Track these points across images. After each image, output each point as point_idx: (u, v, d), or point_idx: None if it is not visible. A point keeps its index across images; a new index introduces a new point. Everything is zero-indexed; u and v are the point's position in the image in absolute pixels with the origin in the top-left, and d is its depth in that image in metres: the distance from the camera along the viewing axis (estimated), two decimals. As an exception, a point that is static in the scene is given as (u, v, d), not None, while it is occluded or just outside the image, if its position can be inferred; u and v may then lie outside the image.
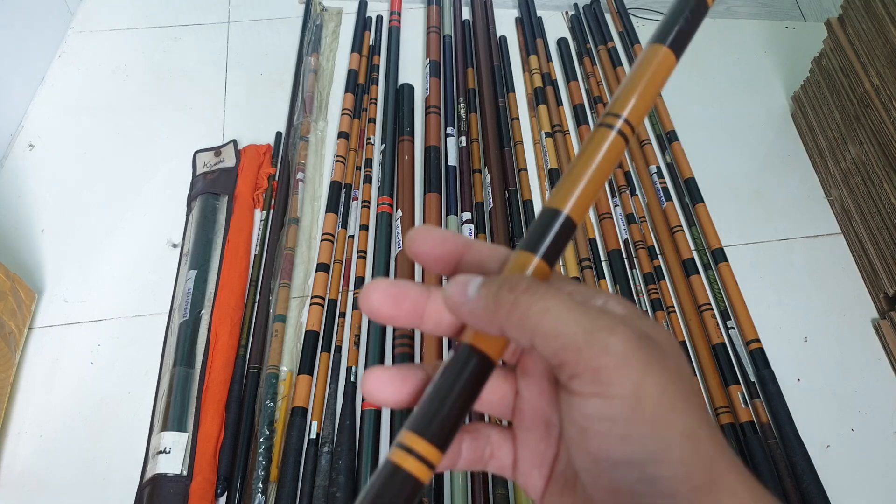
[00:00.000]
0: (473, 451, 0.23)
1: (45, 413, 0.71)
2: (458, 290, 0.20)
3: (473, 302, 0.20)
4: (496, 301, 0.19)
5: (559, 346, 0.18)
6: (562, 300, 0.19)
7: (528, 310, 0.19)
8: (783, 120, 1.01)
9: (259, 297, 0.79)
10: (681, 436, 0.18)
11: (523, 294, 0.19)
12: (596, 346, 0.18)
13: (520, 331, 0.19)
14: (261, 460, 0.66)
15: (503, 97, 0.97)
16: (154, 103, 0.97)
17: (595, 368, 0.18)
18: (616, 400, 0.18)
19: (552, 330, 0.18)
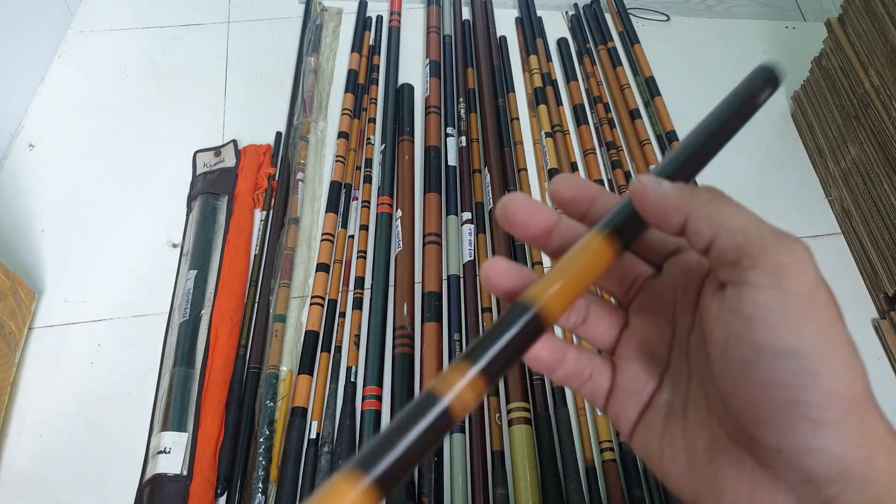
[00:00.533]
0: (576, 364, 0.24)
1: (45, 413, 0.71)
2: (652, 180, 0.22)
3: (668, 190, 0.22)
4: (692, 194, 0.21)
5: (745, 239, 0.20)
6: (748, 211, 0.21)
7: (724, 206, 0.21)
8: (783, 120, 1.01)
9: (259, 297, 0.79)
10: (846, 342, 0.19)
11: (719, 196, 0.21)
12: (783, 245, 0.20)
13: (707, 222, 0.20)
14: (261, 460, 0.66)
15: (503, 97, 0.97)
16: (154, 103, 0.97)
17: (779, 263, 0.19)
18: (793, 296, 0.19)
19: (742, 226, 0.20)
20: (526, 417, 0.69)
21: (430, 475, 0.64)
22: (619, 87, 1.01)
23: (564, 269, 0.22)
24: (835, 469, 0.18)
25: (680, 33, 1.12)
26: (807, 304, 0.19)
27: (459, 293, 0.78)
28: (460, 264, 0.80)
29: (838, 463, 0.18)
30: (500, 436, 0.69)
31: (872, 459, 0.19)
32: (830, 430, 0.18)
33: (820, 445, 0.18)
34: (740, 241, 0.20)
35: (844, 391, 0.18)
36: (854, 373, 0.19)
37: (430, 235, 0.81)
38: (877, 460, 0.19)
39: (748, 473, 0.20)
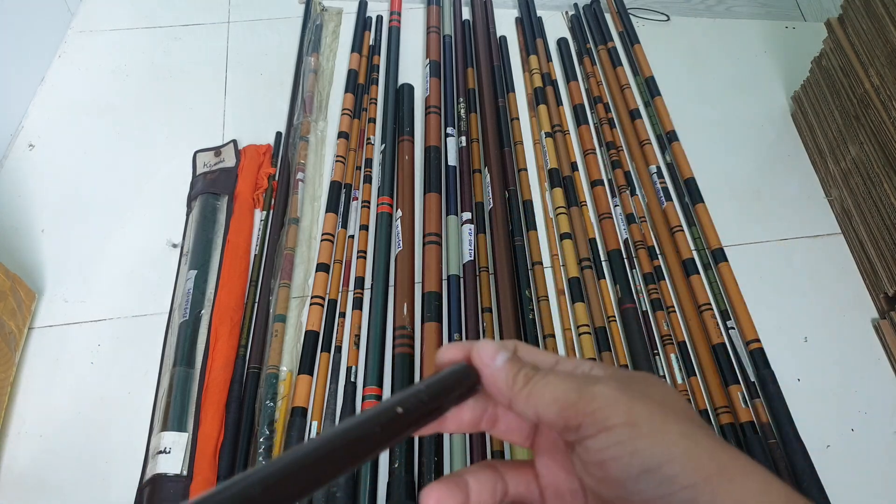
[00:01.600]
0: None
1: (45, 413, 0.71)
2: (490, 353, 0.26)
3: (498, 371, 0.25)
4: (514, 379, 0.25)
5: (559, 408, 0.23)
6: (556, 376, 0.24)
7: (533, 388, 0.24)
8: (783, 120, 1.01)
9: (259, 297, 0.79)
10: (679, 436, 0.22)
11: (532, 378, 0.24)
12: (586, 396, 0.23)
13: (525, 406, 0.24)
14: (261, 460, 0.66)
15: (503, 97, 0.97)
16: (154, 103, 0.97)
17: (591, 412, 0.23)
18: (616, 428, 0.22)
19: (552, 398, 0.24)
20: (526, 417, 0.69)
21: (430, 475, 0.64)
22: (619, 87, 1.01)
23: None
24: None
25: (680, 33, 1.12)
26: (631, 426, 0.22)
27: (459, 293, 0.78)
28: (460, 264, 0.80)
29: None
30: (500, 436, 0.68)
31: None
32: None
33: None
34: (557, 411, 0.23)
35: (699, 477, 0.21)
36: (699, 456, 0.22)
37: (430, 235, 0.81)
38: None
39: None
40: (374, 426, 0.22)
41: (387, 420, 0.23)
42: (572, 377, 0.24)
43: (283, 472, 0.20)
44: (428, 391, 0.25)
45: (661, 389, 0.24)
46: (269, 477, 0.19)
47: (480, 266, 0.81)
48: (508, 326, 0.75)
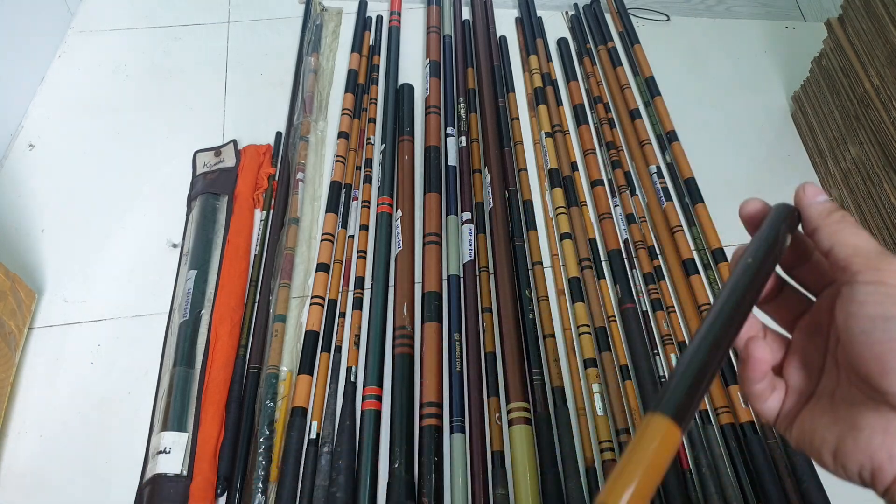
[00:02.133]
0: (772, 378, 0.32)
1: (45, 413, 0.71)
2: (815, 191, 0.31)
3: (820, 203, 0.31)
4: (831, 211, 0.30)
5: (853, 252, 0.28)
6: (866, 234, 0.29)
7: (843, 227, 0.29)
8: (783, 120, 1.01)
9: (259, 297, 0.79)
10: None
11: (846, 218, 0.29)
12: (880, 259, 0.27)
13: (829, 235, 0.29)
14: (261, 460, 0.66)
15: (503, 97, 0.97)
16: (154, 103, 0.97)
17: (878, 268, 0.27)
18: (889, 286, 0.26)
19: (852, 243, 0.28)
20: (526, 417, 0.69)
21: (430, 475, 0.64)
22: (619, 87, 1.01)
23: (634, 469, 0.23)
24: None
25: (680, 33, 1.12)
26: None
27: (459, 293, 0.78)
28: (460, 264, 0.80)
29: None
30: (500, 436, 0.69)
31: None
32: None
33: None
34: (849, 254, 0.28)
35: None
36: None
37: (430, 235, 0.81)
38: None
39: (882, 415, 0.27)
40: (742, 280, 0.28)
41: (745, 272, 0.29)
42: (879, 246, 0.28)
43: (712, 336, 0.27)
44: (762, 232, 0.31)
45: None
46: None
47: (480, 266, 0.81)
48: (508, 326, 0.75)
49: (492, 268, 0.80)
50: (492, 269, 0.80)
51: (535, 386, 0.72)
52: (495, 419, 0.70)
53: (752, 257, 0.29)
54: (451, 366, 0.73)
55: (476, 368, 0.72)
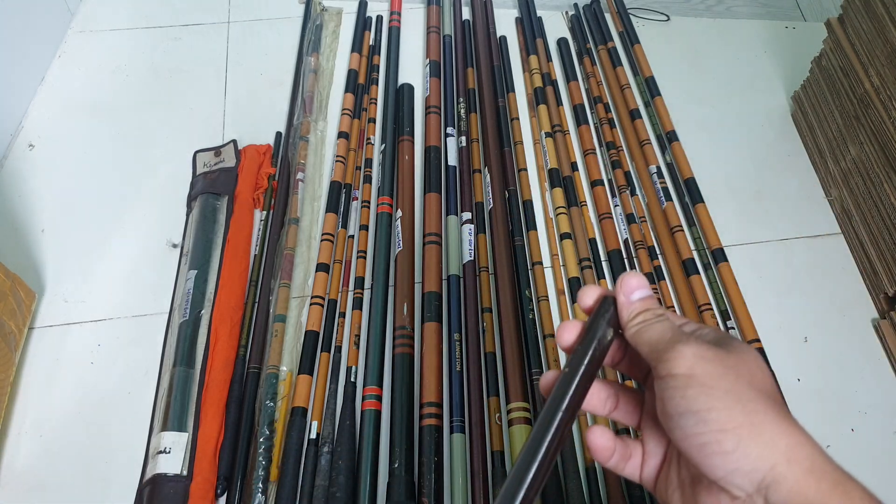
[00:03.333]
0: (622, 450, 0.33)
1: (45, 413, 0.71)
2: (632, 286, 0.32)
3: (631, 303, 0.32)
4: (639, 311, 0.32)
5: (649, 349, 0.30)
6: (664, 325, 0.30)
7: (641, 327, 0.31)
8: (783, 120, 1.01)
9: (259, 297, 0.79)
10: (724, 392, 0.27)
11: (647, 315, 0.31)
12: (668, 347, 0.29)
13: (632, 336, 0.31)
14: (261, 460, 0.66)
15: (503, 97, 0.97)
16: (154, 103, 0.97)
17: (667, 359, 0.29)
18: (678, 376, 0.28)
19: (648, 339, 0.30)
20: (526, 417, 0.69)
21: (430, 475, 0.64)
22: (619, 87, 1.01)
23: None
24: (756, 479, 0.26)
25: (680, 33, 1.12)
26: (687, 379, 0.28)
27: (459, 293, 0.78)
28: (460, 264, 0.80)
29: (754, 475, 0.26)
30: (500, 436, 0.69)
31: (776, 468, 0.26)
32: (736, 455, 0.26)
33: (735, 467, 0.26)
34: (646, 352, 0.30)
35: (731, 425, 0.26)
36: (736, 410, 0.27)
37: (430, 235, 0.81)
38: (779, 468, 0.26)
39: (716, 497, 0.28)
40: (559, 397, 0.30)
41: (563, 384, 0.30)
42: (677, 332, 0.30)
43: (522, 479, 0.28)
44: (582, 334, 0.32)
45: (741, 360, 0.28)
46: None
47: (480, 266, 0.81)
48: (508, 326, 0.75)
49: (492, 268, 0.80)
50: (492, 269, 0.80)
51: (535, 386, 0.72)
52: (495, 419, 0.70)
53: (570, 366, 0.31)
54: (451, 366, 0.73)
55: (476, 368, 0.72)
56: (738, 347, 0.29)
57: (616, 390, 0.35)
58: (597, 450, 0.32)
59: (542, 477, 0.28)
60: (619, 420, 0.35)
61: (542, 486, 0.29)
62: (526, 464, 0.28)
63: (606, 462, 0.33)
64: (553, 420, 0.29)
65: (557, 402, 0.30)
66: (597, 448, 0.32)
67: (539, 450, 0.28)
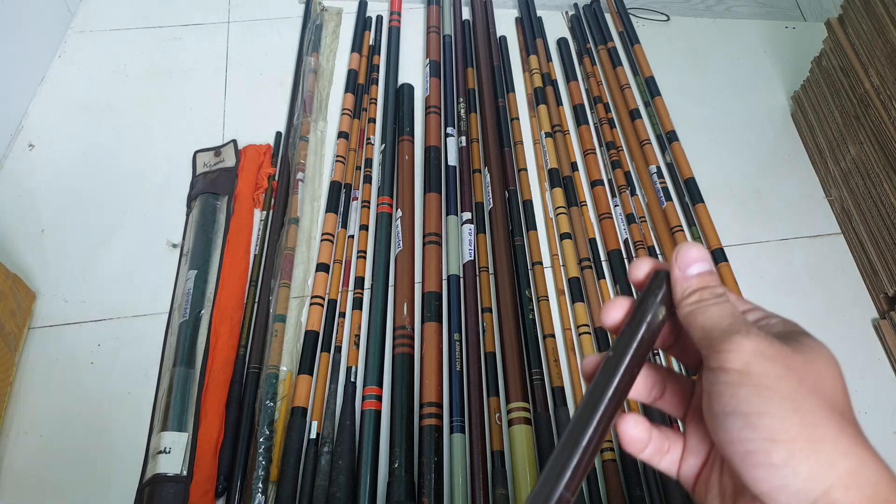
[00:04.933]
0: (658, 442, 0.30)
1: (45, 413, 0.71)
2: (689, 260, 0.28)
3: (686, 279, 0.28)
4: (694, 289, 0.28)
5: (702, 335, 0.26)
6: (722, 309, 0.27)
7: (696, 308, 0.27)
8: (783, 120, 1.01)
9: (259, 297, 0.79)
10: (781, 398, 0.24)
11: (704, 294, 0.27)
12: (724, 337, 0.25)
13: (685, 317, 0.27)
14: (261, 460, 0.66)
15: (503, 97, 0.97)
16: (154, 103, 0.97)
17: (720, 350, 0.25)
18: (731, 371, 0.25)
19: (702, 324, 0.27)
20: (526, 417, 0.69)
21: (430, 475, 0.64)
22: (619, 87, 1.01)
23: None
24: (806, 500, 0.23)
25: (680, 33, 1.12)
26: (740, 376, 0.24)
27: (459, 293, 0.78)
28: (460, 264, 0.80)
29: (804, 496, 0.23)
30: (500, 436, 0.69)
31: (830, 493, 0.22)
32: (784, 471, 0.23)
33: (782, 484, 0.23)
34: (699, 338, 0.27)
35: (783, 436, 0.23)
36: (791, 420, 0.23)
37: (430, 235, 0.81)
38: (834, 493, 0.22)
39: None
40: (604, 384, 0.27)
41: (609, 370, 0.27)
42: (737, 319, 0.26)
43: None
44: (630, 315, 0.28)
45: (812, 364, 0.25)
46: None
47: (480, 266, 0.81)
48: (508, 326, 0.75)
49: (492, 268, 0.80)
50: (492, 269, 0.80)
51: (535, 386, 0.72)
52: (495, 419, 0.70)
53: (615, 349, 0.28)
54: (451, 366, 0.73)
55: (476, 368, 0.72)
56: (810, 346, 0.26)
57: (664, 376, 0.31)
58: (629, 441, 0.29)
59: (582, 474, 0.26)
60: (664, 409, 0.31)
61: (580, 483, 0.26)
62: (565, 457, 0.26)
63: (640, 454, 0.30)
64: (596, 410, 0.26)
65: (601, 390, 0.27)
66: (630, 439, 0.29)
67: (580, 442, 0.26)
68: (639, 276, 0.30)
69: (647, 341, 0.28)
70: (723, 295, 0.27)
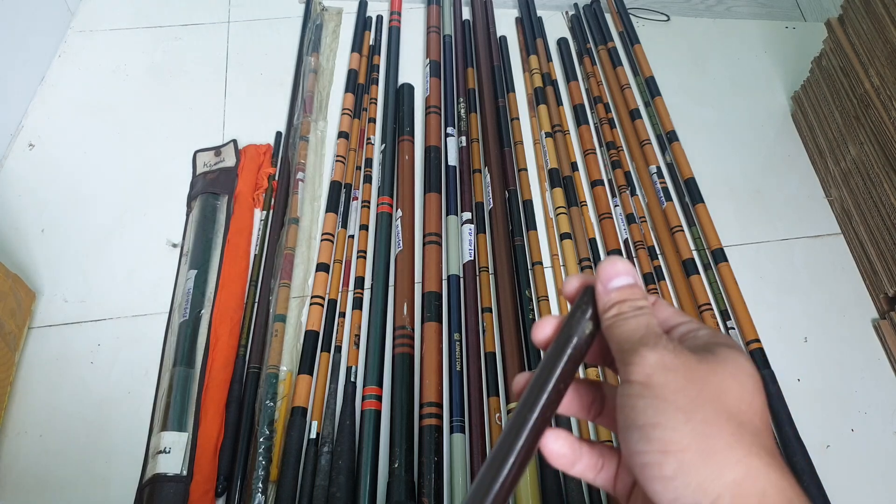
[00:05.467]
0: (590, 458, 0.29)
1: (45, 413, 0.71)
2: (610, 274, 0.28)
3: (608, 292, 0.27)
4: (614, 302, 0.27)
5: (616, 348, 0.26)
6: (638, 321, 0.26)
7: (614, 322, 0.27)
8: (783, 120, 1.01)
9: (259, 297, 0.79)
10: (676, 408, 0.24)
11: (625, 311, 0.27)
12: (633, 350, 0.25)
13: (607, 330, 0.27)
14: (261, 460, 0.66)
15: (503, 97, 0.97)
16: (154, 103, 0.97)
17: (628, 362, 0.25)
18: (633, 383, 0.25)
19: (616, 338, 0.26)
20: (526, 417, 0.69)
21: (430, 475, 0.64)
22: (619, 87, 1.01)
23: None
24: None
25: (680, 33, 1.12)
26: (642, 388, 0.24)
27: (459, 293, 0.78)
28: (460, 264, 0.80)
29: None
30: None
31: (717, 502, 0.22)
32: (676, 482, 0.23)
33: (674, 496, 0.23)
34: (615, 350, 0.27)
35: (674, 447, 0.23)
36: (685, 432, 0.23)
37: (430, 235, 0.81)
38: (721, 502, 0.22)
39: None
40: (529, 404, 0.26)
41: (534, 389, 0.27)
42: (649, 332, 0.26)
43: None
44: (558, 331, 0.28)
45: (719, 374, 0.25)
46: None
47: (480, 266, 0.81)
48: (508, 326, 0.75)
49: (492, 268, 0.80)
50: (492, 269, 0.80)
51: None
52: (495, 419, 0.70)
53: (542, 366, 0.27)
54: (451, 366, 0.73)
55: (476, 368, 0.72)
56: (723, 357, 0.25)
57: (603, 392, 0.30)
58: (551, 456, 0.28)
59: (507, 494, 0.26)
60: (605, 426, 0.31)
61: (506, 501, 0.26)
62: (488, 481, 0.25)
63: (569, 470, 0.29)
64: (521, 431, 0.26)
65: (526, 409, 0.26)
66: (551, 454, 0.28)
67: (504, 465, 0.25)
68: (569, 291, 0.29)
69: (574, 357, 0.27)
70: (642, 308, 0.27)
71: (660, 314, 0.28)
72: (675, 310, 0.29)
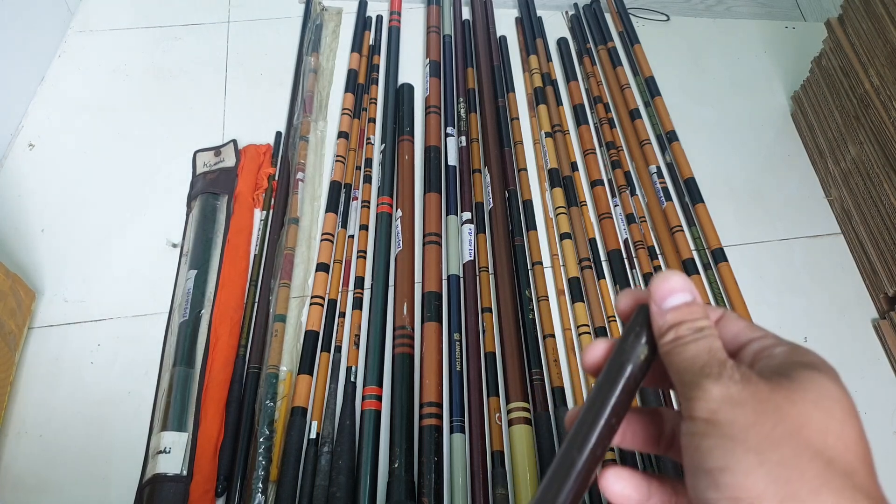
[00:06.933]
0: (660, 496, 0.26)
1: (45, 413, 0.71)
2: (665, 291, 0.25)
3: (664, 313, 0.25)
4: (671, 325, 0.24)
5: (675, 379, 0.24)
6: (699, 347, 0.24)
7: (673, 348, 0.24)
8: (783, 120, 1.01)
9: (259, 297, 0.79)
10: (747, 449, 0.21)
11: (683, 335, 0.24)
12: (694, 383, 0.23)
13: (664, 356, 0.24)
14: (261, 460, 0.66)
15: (503, 97, 0.97)
16: (154, 103, 0.97)
17: (690, 397, 0.23)
18: (697, 420, 0.22)
19: (675, 367, 0.24)
20: (526, 417, 0.69)
21: (430, 475, 0.64)
22: (619, 87, 1.01)
23: None
24: None
25: (680, 33, 1.12)
26: (706, 426, 0.22)
27: (459, 293, 0.78)
28: (460, 264, 0.80)
29: None
30: (500, 436, 0.68)
31: None
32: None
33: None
34: (676, 381, 0.24)
35: (748, 495, 0.20)
36: (756, 474, 0.20)
37: (430, 235, 0.81)
38: None
39: None
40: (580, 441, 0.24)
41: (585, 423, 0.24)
42: (713, 359, 0.23)
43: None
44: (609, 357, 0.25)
45: (800, 404, 0.22)
46: None
47: (480, 266, 0.81)
48: (508, 326, 0.75)
49: (492, 268, 0.80)
50: (492, 269, 0.80)
51: (535, 386, 0.72)
52: (495, 419, 0.70)
53: (592, 399, 0.25)
54: (451, 366, 0.73)
55: (476, 368, 0.72)
56: (803, 381, 0.22)
57: (674, 422, 0.27)
58: (615, 499, 0.25)
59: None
60: (678, 460, 0.26)
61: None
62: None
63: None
64: (568, 475, 0.23)
65: (575, 449, 0.24)
66: (615, 497, 0.25)
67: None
68: (622, 309, 0.27)
69: (628, 387, 0.24)
70: (703, 329, 0.24)
71: (728, 330, 0.25)
72: (747, 323, 0.25)
